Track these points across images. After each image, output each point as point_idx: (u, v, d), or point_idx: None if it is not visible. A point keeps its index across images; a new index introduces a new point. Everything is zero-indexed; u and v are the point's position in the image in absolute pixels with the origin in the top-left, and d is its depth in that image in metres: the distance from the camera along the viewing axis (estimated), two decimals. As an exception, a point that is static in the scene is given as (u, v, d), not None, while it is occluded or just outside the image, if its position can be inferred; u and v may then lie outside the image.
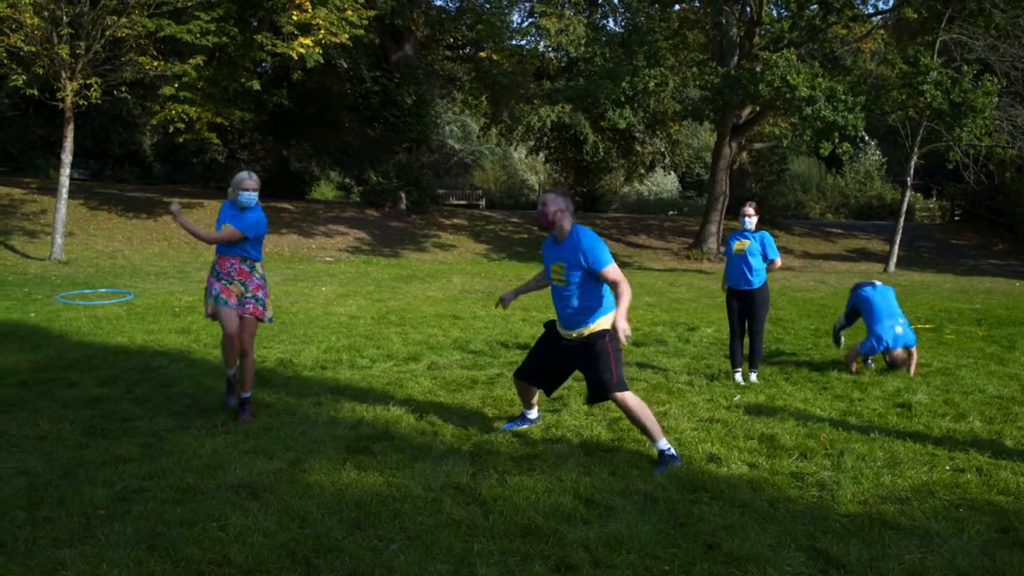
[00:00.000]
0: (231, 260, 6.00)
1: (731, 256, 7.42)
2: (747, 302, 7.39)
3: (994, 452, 5.22)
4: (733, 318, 7.47)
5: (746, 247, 7.31)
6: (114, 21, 15.98)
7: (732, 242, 7.43)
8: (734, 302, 7.46)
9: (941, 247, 28.97)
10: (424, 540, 3.73)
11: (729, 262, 7.48)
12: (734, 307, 7.46)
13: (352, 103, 27.99)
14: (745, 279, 7.35)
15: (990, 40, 21.11)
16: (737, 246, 7.35)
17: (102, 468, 4.56)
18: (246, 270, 6.02)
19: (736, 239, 7.42)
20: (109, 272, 15.34)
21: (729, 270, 7.48)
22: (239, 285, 5.98)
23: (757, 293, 7.37)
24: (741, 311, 7.43)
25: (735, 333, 7.46)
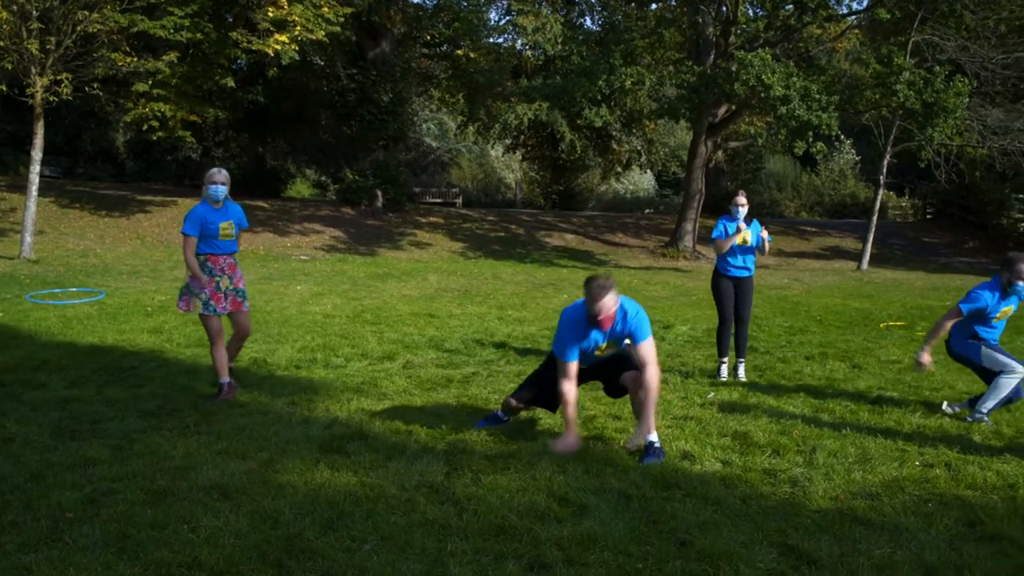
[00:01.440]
0: (224, 257, 6.32)
1: (733, 246, 7.44)
2: (742, 288, 7.53)
3: (963, 447, 5.28)
4: (727, 303, 7.51)
5: (750, 239, 7.43)
6: (85, 16, 15.78)
7: (732, 231, 7.44)
8: (728, 286, 7.53)
9: (913, 245, 29.29)
10: (397, 540, 3.71)
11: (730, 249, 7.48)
12: (728, 291, 7.52)
13: (328, 100, 27.83)
14: (745, 265, 7.51)
15: (961, 41, 21.35)
16: (741, 239, 7.41)
17: (71, 470, 4.50)
18: (233, 263, 6.38)
19: (735, 229, 7.45)
20: (80, 271, 15.17)
21: (728, 258, 7.51)
22: (227, 279, 6.30)
23: (750, 279, 7.57)
24: (733, 295, 7.52)
25: (727, 319, 7.52)
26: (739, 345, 7.59)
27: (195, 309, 6.24)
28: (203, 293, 6.15)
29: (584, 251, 24.98)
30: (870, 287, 17.68)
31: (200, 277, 6.17)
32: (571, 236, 26.90)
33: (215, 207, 6.31)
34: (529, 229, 27.21)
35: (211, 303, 6.19)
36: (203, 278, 6.18)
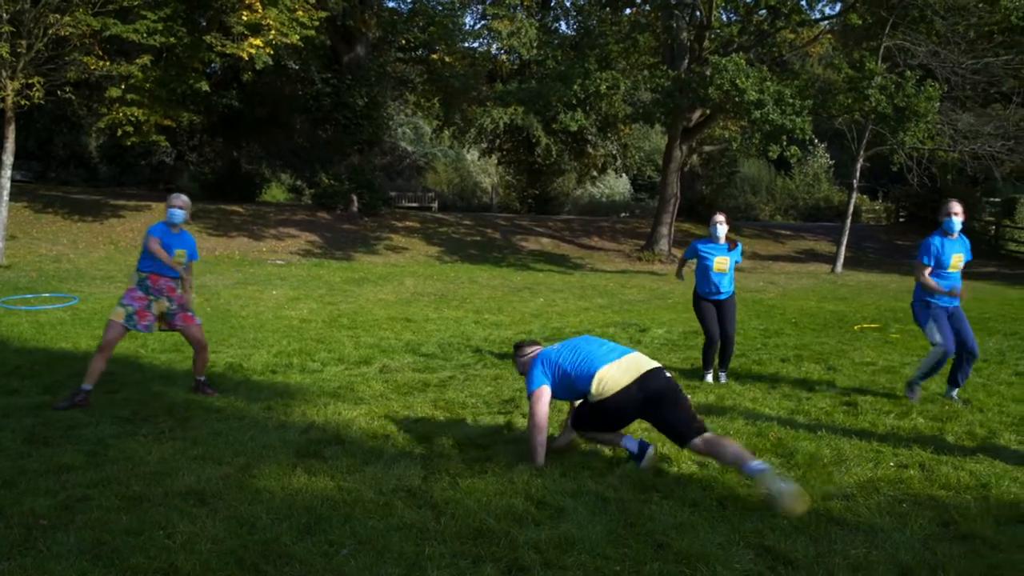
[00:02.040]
0: (166, 280, 6.31)
1: (710, 271, 7.49)
2: (722, 307, 7.60)
3: (936, 448, 5.35)
4: (711, 323, 7.56)
5: (727, 266, 7.48)
6: (57, 19, 15.63)
7: (710, 258, 7.49)
8: (709, 307, 7.59)
9: (886, 248, 29.62)
10: (375, 544, 3.70)
11: (706, 274, 7.54)
12: (710, 312, 7.58)
13: (303, 104, 27.73)
14: (719, 291, 7.57)
15: (932, 46, 21.64)
16: (717, 266, 7.46)
17: (44, 477, 4.45)
18: (173, 286, 6.37)
19: (714, 254, 7.50)
20: (53, 276, 14.99)
21: (704, 281, 7.57)
22: (166, 301, 6.32)
23: (731, 299, 7.65)
24: (716, 316, 7.57)
25: (713, 340, 7.57)
26: (723, 359, 7.68)
27: (116, 317, 6.20)
28: (133, 304, 6.19)
29: (560, 255, 25.02)
30: (844, 290, 17.85)
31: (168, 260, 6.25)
32: (547, 240, 26.94)
33: (172, 230, 6.41)
34: (505, 233, 27.22)
35: (135, 318, 6.20)
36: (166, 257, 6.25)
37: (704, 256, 7.54)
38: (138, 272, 6.31)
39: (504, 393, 6.77)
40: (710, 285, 7.55)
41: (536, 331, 10.40)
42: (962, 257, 6.85)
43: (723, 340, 7.59)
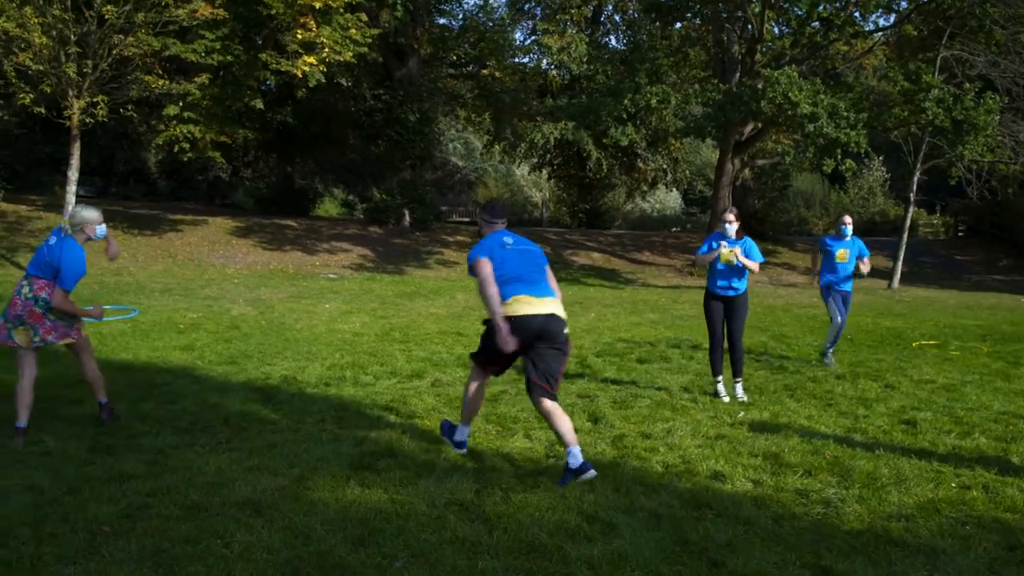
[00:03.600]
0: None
1: (718, 263, 7.39)
2: (730, 307, 7.43)
3: (1000, 469, 5.21)
4: (716, 324, 7.45)
5: (734, 258, 7.31)
6: (120, 40, 16.10)
7: (717, 247, 7.39)
8: (717, 307, 7.47)
9: (945, 263, 28.97)
10: (428, 557, 3.72)
11: (714, 268, 7.44)
12: (717, 312, 7.46)
13: (356, 120, 28.12)
14: (731, 285, 7.42)
15: (991, 56, 21.18)
16: (725, 256, 7.33)
17: (107, 485, 4.57)
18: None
19: (722, 246, 7.39)
20: (114, 289, 15.38)
21: (715, 276, 7.46)
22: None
23: (741, 298, 7.45)
24: (724, 317, 7.45)
25: (718, 341, 7.46)
26: (734, 365, 7.47)
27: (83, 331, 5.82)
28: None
29: (611, 270, 24.94)
30: (901, 306, 17.49)
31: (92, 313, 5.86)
32: (598, 255, 26.88)
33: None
34: (556, 248, 27.23)
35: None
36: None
37: (711, 246, 7.42)
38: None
39: (555, 408, 6.76)
40: (719, 277, 7.40)
41: (587, 345, 10.37)
42: (847, 252, 9.35)
43: (730, 345, 7.43)
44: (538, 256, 5.28)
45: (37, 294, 5.48)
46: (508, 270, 5.05)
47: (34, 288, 5.49)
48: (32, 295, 5.47)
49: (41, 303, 5.48)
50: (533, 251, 5.28)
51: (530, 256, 5.21)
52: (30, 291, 5.48)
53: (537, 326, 4.91)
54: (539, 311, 4.94)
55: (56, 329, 5.59)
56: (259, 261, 21.05)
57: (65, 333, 5.66)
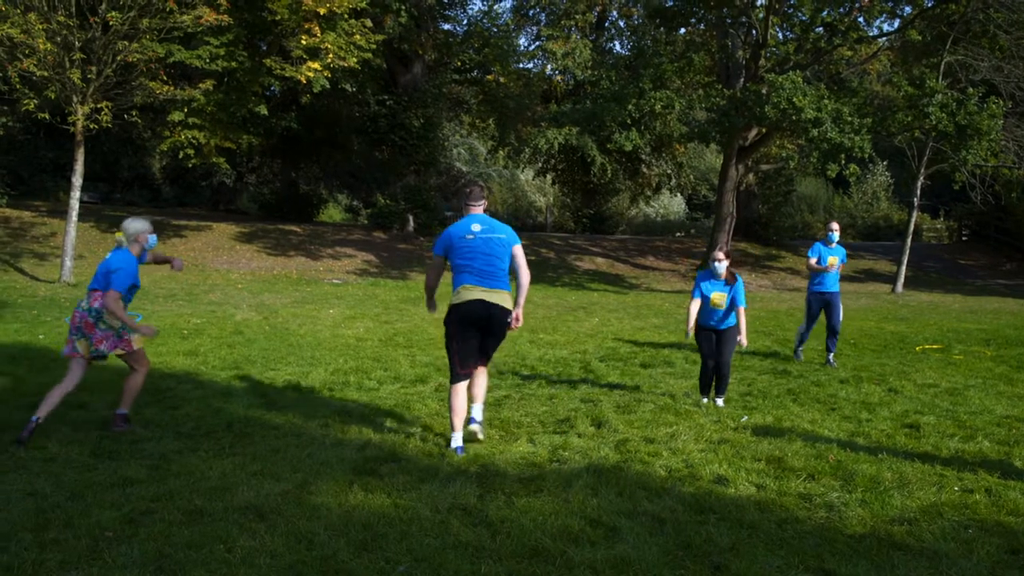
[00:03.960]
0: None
1: (706, 304, 7.39)
2: (721, 337, 7.45)
3: (1003, 473, 5.20)
4: (708, 352, 7.45)
5: (723, 302, 7.33)
6: (125, 46, 16.15)
7: (708, 291, 7.38)
8: (709, 336, 7.47)
9: (949, 267, 28.92)
10: (431, 562, 3.72)
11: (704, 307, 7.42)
12: (709, 341, 7.46)
13: (360, 126, 28.18)
14: (719, 321, 7.43)
15: (995, 61, 21.17)
16: (714, 301, 7.34)
17: (110, 490, 4.58)
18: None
19: (711, 289, 7.38)
20: (118, 295, 15.42)
21: (707, 314, 7.45)
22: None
23: (731, 329, 7.46)
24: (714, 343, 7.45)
25: (709, 366, 7.44)
26: (718, 386, 7.48)
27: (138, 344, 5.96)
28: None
29: (615, 274, 24.95)
30: (905, 310, 17.47)
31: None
32: (602, 260, 26.88)
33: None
34: (560, 253, 27.24)
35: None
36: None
37: (703, 290, 7.42)
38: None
39: (559, 412, 6.77)
40: (704, 314, 7.43)
41: (591, 350, 10.37)
42: (837, 259, 9.95)
43: (717, 365, 7.43)
44: (500, 245, 5.74)
45: (91, 305, 5.76)
46: (462, 261, 5.72)
47: (89, 300, 5.78)
48: (88, 307, 5.76)
49: (93, 313, 5.74)
50: (497, 240, 5.73)
51: (492, 245, 5.71)
52: (87, 303, 5.78)
53: (483, 311, 5.62)
54: (483, 298, 5.62)
55: (107, 339, 5.78)
56: (263, 266, 21.09)
57: (115, 344, 5.83)
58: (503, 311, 5.68)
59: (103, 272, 5.84)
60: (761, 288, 23.25)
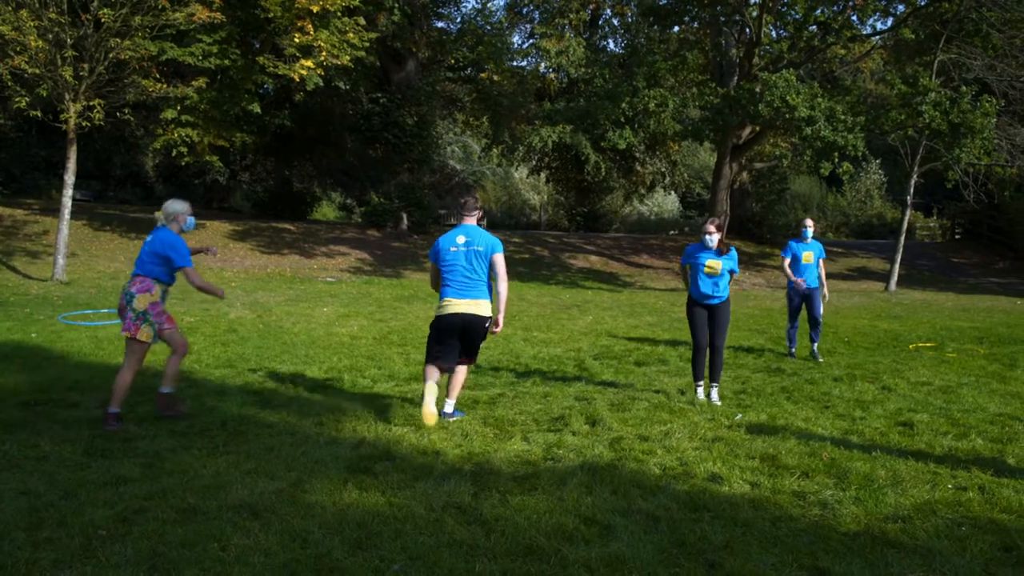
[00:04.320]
0: None
1: (700, 274, 7.42)
2: (713, 314, 7.46)
3: (996, 470, 5.21)
4: (700, 330, 7.44)
5: (718, 269, 7.36)
6: (117, 43, 16.09)
7: (701, 260, 7.41)
8: (701, 314, 7.47)
9: (942, 265, 29.01)
10: (426, 560, 3.72)
11: (698, 277, 7.46)
12: (701, 319, 7.46)
13: (354, 124, 28.13)
14: (714, 294, 7.43)
15: (988, 60, 21.22)
16: (710, 266, 7.36)
17: (103, 488, 4.56)
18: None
19: (705, 257, 7.41)
20: (111, 292, 15.36)
21: (699, 284, 7.47)
22: None
23: (724, 305, 7.48)
24: (707, 323, 7.46)
25: (702, 347, 7.44)
26: (712, 370, 7.48)
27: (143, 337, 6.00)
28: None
29: (609, 273, 24.96)
30: (898, 308, 17.51)
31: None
32: (596, 258, 26.89)
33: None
34: (554, 251, 27.25)
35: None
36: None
37: (695, 258, 7.47)
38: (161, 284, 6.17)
39: (553, 411, 6.76)
40: (702, 285, 7.43)
41: (585, 348, 10.38)
42: (812, 254, 10.30)
43: (711, 350, 7.45)
44: (480, 258, 6.27)
45: (128, 289, 5.97)
46: (445, 273, 6.34)
47: (129, 284, 6.00)
48: (126, 291, 5.98)
49: (127, 296, 5.95)
50: (476, 253, 6.27)
51: (471, 257, 6.26)
52: (125, 287, 6.02)
53: (458, 322, 6.26)
54: (460, 311, 6.24)
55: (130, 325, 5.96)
56: (257, 264, 21.05)
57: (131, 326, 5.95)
58: (480, 319, 6.26)
59: (148, 253, 6.03)
60: (755, 286, 23.28)
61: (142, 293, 5.93)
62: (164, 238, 6.03)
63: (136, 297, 5.90)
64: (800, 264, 10.29)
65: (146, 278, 5.98)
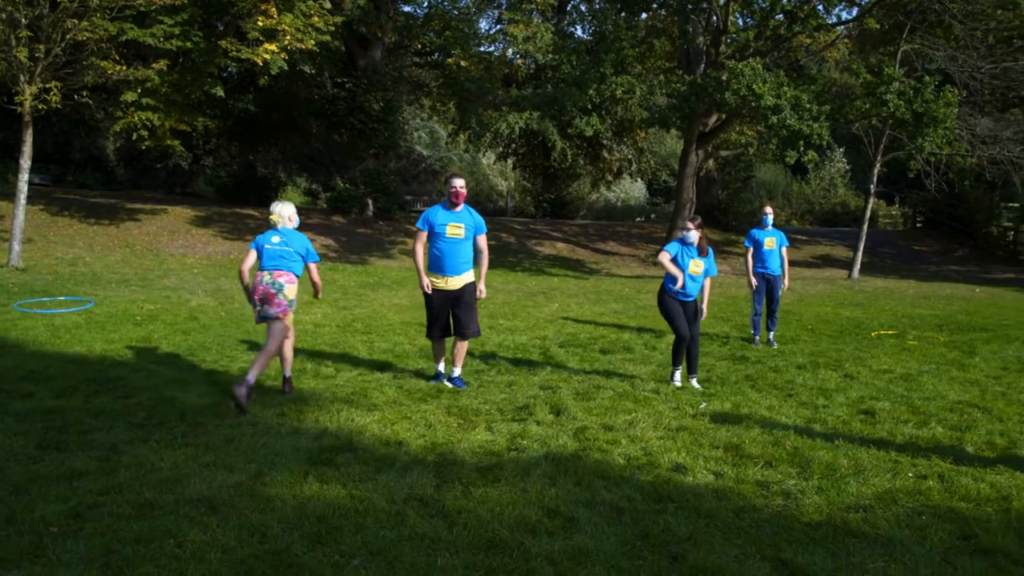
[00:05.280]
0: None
1: (685, 272, 7.54)
2: (691, 308, 7.69)
3: (956, 458, 5.27)
4: (681, 323, 7.57)
5: (701, 269, 7.58)
6: (74, 24, 15.68)
7: (685, 259, 7.56)
8: (680, 307, 7.62)
9: (903, 253, 29.40)
10: (387, 555, 3.67)
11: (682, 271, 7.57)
12: (679, 310, 7.61)
13: (319, 109, 27.81)
14: (685, 293, 7.62)
15: (950, 51, 21.47)
16: (692, 268, 7.55)
17: (56, 483, 4.44)
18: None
19: (689, 256, 7.57)
20: (69, 279, 15.06)
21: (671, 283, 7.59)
22: None
23: (694, 303, 7.73)
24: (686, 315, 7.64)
25: (685, 336, 7.55)
26: (691, 361, 7.69)
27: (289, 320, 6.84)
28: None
29: (575, 260, 24.97)
30: (861, 295, 17.71)
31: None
32: (562, 245, 26.89)
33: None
34: (520, 238, 27.20)
35: None
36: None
37: (682, 256, 7.60)
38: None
39: (518, 400, 6.73)
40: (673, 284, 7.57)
41: (551, 336, 10.35)
42: (775, 240, 10.37)
43: (689, 340, 7.62)
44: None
45: (277, 280, 6.69)
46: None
47: (273, 276, 6.70)
48: (271, 280, 6.68)
49: (276, 286, 6.69)
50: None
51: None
52: (271, 278, 6.67)
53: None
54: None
55: (280, 305, 6.70)
56: (219, 251, 20.76)
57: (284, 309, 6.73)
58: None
59: (286, 251, 6.79)
60: (721, 273, 23.41)
61: (290, 284, 6.75)
62: (299, 238, 6.91)
63: (285, 287, 6.71)
64: (763, 250, 10.37)
65: (288, 272, 6.76)
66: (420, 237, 7.26)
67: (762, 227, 10.47)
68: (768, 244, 10.34)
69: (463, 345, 7.32)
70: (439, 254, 7.18)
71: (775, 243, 10.38)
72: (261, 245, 6.80)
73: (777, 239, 10.44)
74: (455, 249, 7.15)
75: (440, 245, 7.16)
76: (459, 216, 7.19)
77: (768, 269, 10.36)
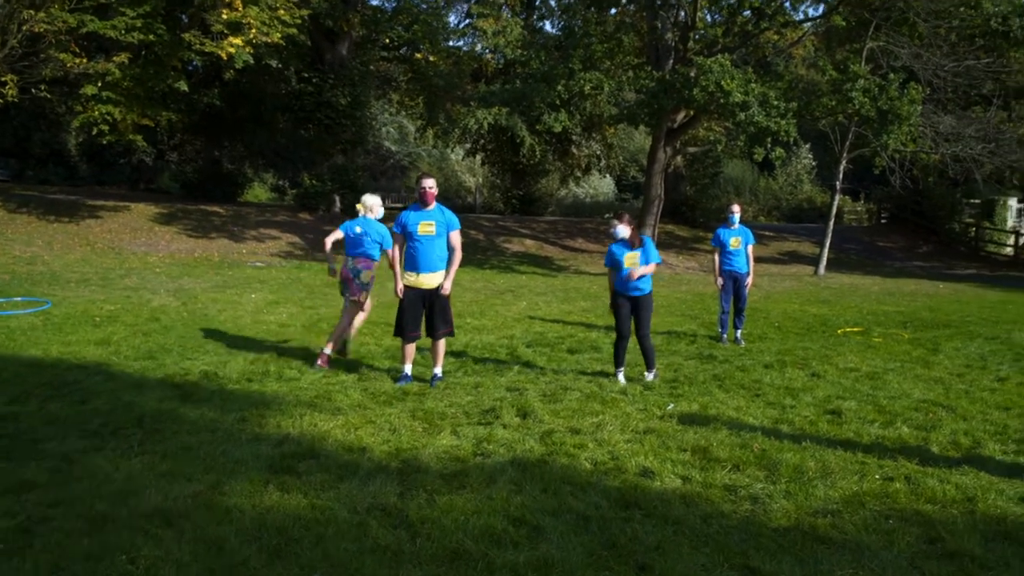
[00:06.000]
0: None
1: (622, 268, 7.71)
2: (636, 304, 7.80)
3: (921, 459, 5.27)
4: (624, 321, 7.79)
5: (637, 260, 7.70)
6: (31, 15, 15.37)
7: (620, 256, 7.73)
8: (625, 304, 7.81)
9: (868, 249, 29.70)
10: (348, 568, 3.58)
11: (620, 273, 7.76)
12: (625, 310, 7.81)
13: (285, 103, 27.49)
14: (635, 286, 7.74)
15: (914, 49, 21.67)
16: (628, 261, 7.69)
17: (3, 496, 4.28)
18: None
19: (623, 252, 7.75)
20: (26, 279, 14.73)
21: (618, 280, 7.79)
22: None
23: (646, 297, 7.81)
24: (630, 314, 7.80)
25: (624, 335, 7.79)
26: (646, 359, 7.89)
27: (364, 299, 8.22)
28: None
29: (544, 257, 24.92)
30: (827, 292, 17.84)
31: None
32: (531, 242, 26.83)
33: None
34: (488, 235, 27.10)
35: None
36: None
37: (615, 255, 7.79)
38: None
39: (484, 402, 6.64)
40: (623, 283, 7.74)
41: (518, 335, 10.28)
42: (740, 239, 10.39)
43: (639, 339, 7.80)
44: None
45: (356, 266, 8.01)
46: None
47: (354, 262, 8.02)
48: (352, 267, 8.00)
49: (354, 271, 8.02)
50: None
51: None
52: (352, 264, 8.04)
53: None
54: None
55: (356, 291, 8.06)
56: (183, 249, 20.44)
57: (357, 292, 8.13)
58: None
59: (366, 239, 8.01)
60: (688, 270, 23.50)
61: (367, 269, 7.99)
62: (378, 227, 8.00)
63: (363, 272, 7.97)
64: (728, 250, 10.44)
65: (366, 259, 7.97)
66: (395, 240, 7.47)
67: (729, 225, 10.53)
68: (733, 244, 10.41)
69: (440, 344, 7.53)
70: (413, 252, 7.33)
71: (740, 242, 10.44)
72: (347, 231, 7.95)
73: (743, 238, 10.49)
74: (428, 247, 7.28)
75: (414, 244, 7.31)
76: (430, 214, 7.32)
77: (734, 267, 10.41)
